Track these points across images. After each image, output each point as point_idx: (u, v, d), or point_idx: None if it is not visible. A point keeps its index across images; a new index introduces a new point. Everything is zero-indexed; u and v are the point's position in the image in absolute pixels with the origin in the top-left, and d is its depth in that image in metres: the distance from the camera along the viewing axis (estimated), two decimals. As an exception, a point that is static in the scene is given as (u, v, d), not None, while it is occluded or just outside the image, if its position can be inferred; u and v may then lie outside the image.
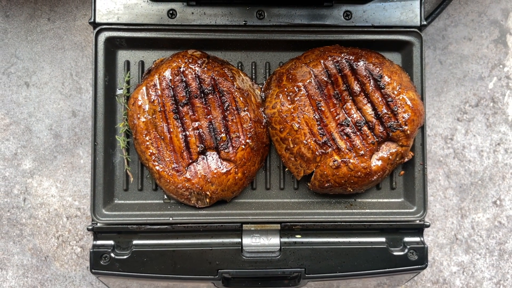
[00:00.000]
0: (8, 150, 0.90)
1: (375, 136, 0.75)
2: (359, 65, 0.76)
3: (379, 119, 0.75)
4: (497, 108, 0.94)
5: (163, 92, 0.75)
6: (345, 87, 0.76)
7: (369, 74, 0.76)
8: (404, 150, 0.77)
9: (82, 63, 0.91)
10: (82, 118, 0.91)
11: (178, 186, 0.75)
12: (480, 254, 0.94)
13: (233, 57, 0.82)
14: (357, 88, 0.76)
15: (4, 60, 0.90)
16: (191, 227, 0.77)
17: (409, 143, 0.77)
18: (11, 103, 0.90)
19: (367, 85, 0.75)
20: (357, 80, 0.76)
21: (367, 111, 0.76)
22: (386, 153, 0.76)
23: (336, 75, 0.76)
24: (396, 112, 0.75)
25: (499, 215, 0.94)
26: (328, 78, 0.76)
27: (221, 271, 0.75)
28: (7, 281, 0.90)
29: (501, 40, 0.95)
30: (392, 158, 0.76)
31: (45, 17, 0.91)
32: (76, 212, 0.91)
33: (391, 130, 0.75)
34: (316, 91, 0.76)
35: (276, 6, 0.79)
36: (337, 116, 0.76)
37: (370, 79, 0.75)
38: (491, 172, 0.94)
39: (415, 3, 0.80)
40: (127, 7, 0.78)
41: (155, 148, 0.74)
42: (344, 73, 0.76)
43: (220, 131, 0.75)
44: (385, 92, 0.75)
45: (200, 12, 0.79)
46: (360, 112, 0.76)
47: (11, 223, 0.90)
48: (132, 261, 0.75)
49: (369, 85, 0.75)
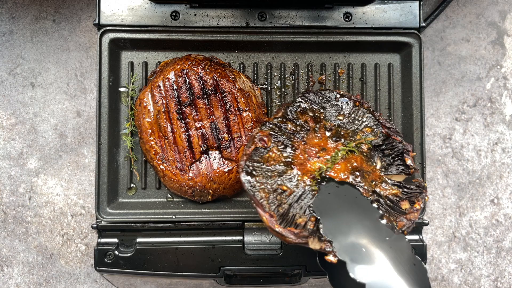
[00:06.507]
0: (14, 150, 0.91)
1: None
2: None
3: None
4: (494, 108, 0.95)
5: (167, 93, 0.76)
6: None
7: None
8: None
9: (86, 64, 0.92)
10: (87, 118, 0.92)
11: (181, 185, 0.76)
12: (478, 252, 0.95)
13: (235, 58, 0.83)
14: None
15: (10, 61, 0.92)
16: (194, 225, 0.78)
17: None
18: (17, 103, 0.91)
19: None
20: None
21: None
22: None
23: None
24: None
25: (497, 213, 0.95)
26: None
27: (223, 268, 0.76)
28: (13, 278, 0.92)
29: (499, 41, 0.96)
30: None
31: (50, 18, 0.92)
32: (81, 211, 0.92)
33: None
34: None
35: (277, 8, 0.80)
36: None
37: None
38: (488, 171, 0.95)
39: (414, 5, 0.81)
40: (131, 9, 0.79)
41: (159, 147, 0.76)
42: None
43: (222, 131, 0.76)
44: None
45: (203, 14, 0.80)
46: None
47: (16, 221, 0.91)
48: (136, 258, 0.76)
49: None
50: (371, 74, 0.83)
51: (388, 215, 0.64)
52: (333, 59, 0.83)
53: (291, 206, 0.64)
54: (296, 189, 0.66)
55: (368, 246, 0.60)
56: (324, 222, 0.62)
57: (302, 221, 0.63)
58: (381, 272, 0.58)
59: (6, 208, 0.91)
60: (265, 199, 0.63)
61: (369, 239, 0.61)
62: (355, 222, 0.62)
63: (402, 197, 0.67)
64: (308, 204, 0.64)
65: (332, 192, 0.66)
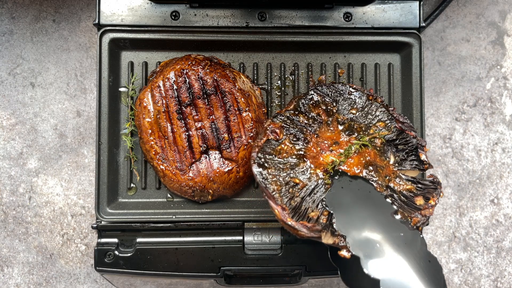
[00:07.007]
0: (14, 150, 0.92)
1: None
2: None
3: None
4: (494, 108, 0.95)
5: (167, 93, 0.76)
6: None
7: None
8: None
9: (86, 63, 0.92)
10: (87, 118, 0.92)
11: (181, 185, 0.76)
12: (478, 252, 0.95)
13: (235, 58, 0.83)
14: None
15: (10, 61, 0.92)
16: (193, 225, 0.78)
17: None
18: (17, 103, 0.91)
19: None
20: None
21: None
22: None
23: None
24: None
25: (497, 213, 0.95)
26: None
27: (223, 268, 0.76)
28: (13, 278, 0.92)
29: (499, 41, 0.96)
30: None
31: (50, 18, 0.92)
32: (81, 211, 0.92)
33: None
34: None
35: (277, 8, 0.80)
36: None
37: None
38: (488, 171, 0.95)
39: (414, 5, 0.81)
40: (131, 9, 0.79)
41: (159, 147, 0.76)
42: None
43: (222, 131, 0.76)
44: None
45: (203, 13, 0.80)
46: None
47: (16, 221, 0.92)
48: (136, 258, 0.76)
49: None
50: (371, 74, 0.83)
51: (402, 210, 0.63)
52: (333, 59, 0.83)
53: (304, 200, 0.63)
54: (308, 182, 0.65)
55: (382, 241, 0.59)
56: (338, 216, 0.61)
57: (315, 215, 0.62)
58: (396, 268, 0.57)
59: (6, 208, 0.91)
60: (277, 191, 0.63)
61: (383, 234, 0.60)
62: (369, 217, 0.61)
63: (416, 193, 0.66)
64: (321, 198, 0.64)
65: (345, 186, 0.65)
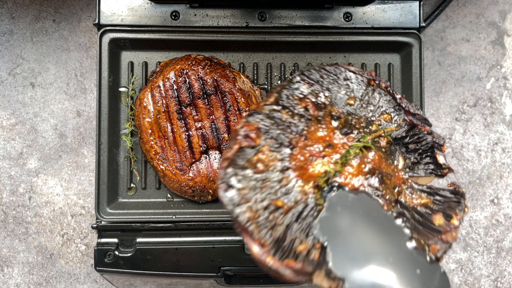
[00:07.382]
0: (14, 150, 0.92)
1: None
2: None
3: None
4: (494, 108, 0.96)
5: (167, 93, 0.76)
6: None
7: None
8: None
9: (86, 63, 0.92)
10: (87, 118, 0.92)
11: (182, 185, 0.76)
12: (478, 252, 0.95)
13: (235, 58, 0.83)
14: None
15: (10, 61, 0.92)
16: (194, 225, 0.78)
17: None
18: (17, 103, 0.91)
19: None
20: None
21: None
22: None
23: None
24: None
25: (497, 213, 0.95)
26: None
27: (223, 268, 0.76)
28: (13, 278, 0.92)
29: (499, 41, 0.96)
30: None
31: (50, 18, 0.92)
32: (81, 211, 0.92)
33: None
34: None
35: (277, 8, 0.80)
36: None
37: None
38: (488, 171, 0.95)
39: (414, 5, 0.81)
40: (131, 9, 0.79)
41: (159, 147, 0.76)
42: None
43: (222, 131, 0.76)
44: None
45: (203, 14, 0.80)
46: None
47: (16, 221, 0.92)
48: (135, 258, 0.76)
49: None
50: (371, 74, 0.83)
51: (417, 234, 0.49)
52: (333, 59, 0.84)
53: (289, 228, 0.48)
54: (294, 204, 0.50)
55: (394, 285, 0.46)
56: (334, 250, 0.47)
57: (304, 249, 0.48)
58: None
59: (6, 208, 0.91)
60: (253, 221, 0.47)
61: (394, 273, 0.46)
62: (375, 249, 0.48)
63: (433, 209, 0.52)
64: (311, 225, 0.49)
65: (343, 206, 0.50)
